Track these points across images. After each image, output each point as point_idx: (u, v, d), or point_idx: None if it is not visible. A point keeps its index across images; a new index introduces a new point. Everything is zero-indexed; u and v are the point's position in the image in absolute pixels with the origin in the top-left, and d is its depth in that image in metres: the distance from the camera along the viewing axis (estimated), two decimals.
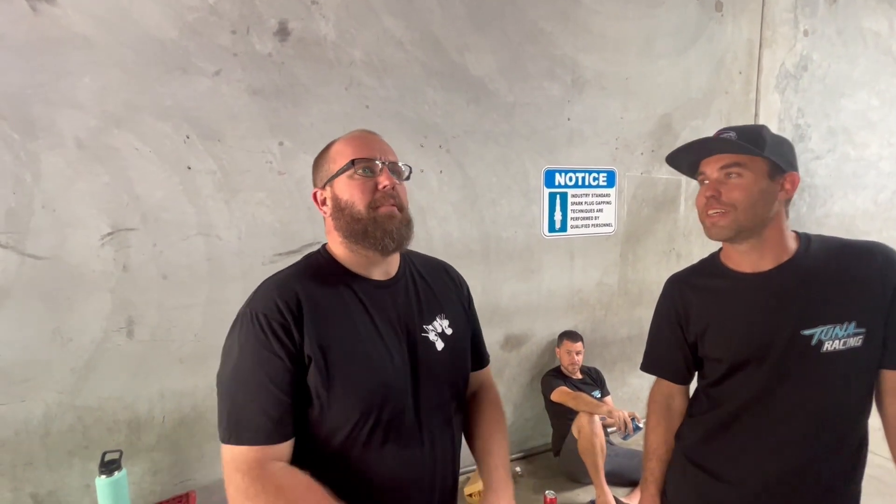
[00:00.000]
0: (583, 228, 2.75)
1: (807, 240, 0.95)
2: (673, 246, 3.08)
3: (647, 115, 2.87)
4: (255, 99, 1.98)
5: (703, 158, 0.94)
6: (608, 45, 2.69)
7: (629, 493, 2.34)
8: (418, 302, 0.87)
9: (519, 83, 2.48)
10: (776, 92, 3.32)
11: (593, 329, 2.87)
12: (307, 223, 2.11)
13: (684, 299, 1.05)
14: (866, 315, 0.85)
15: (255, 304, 0.75)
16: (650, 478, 1.11)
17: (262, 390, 0.71)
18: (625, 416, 2.26)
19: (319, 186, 0.84)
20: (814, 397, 0.87)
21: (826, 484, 0.88)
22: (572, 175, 2.68)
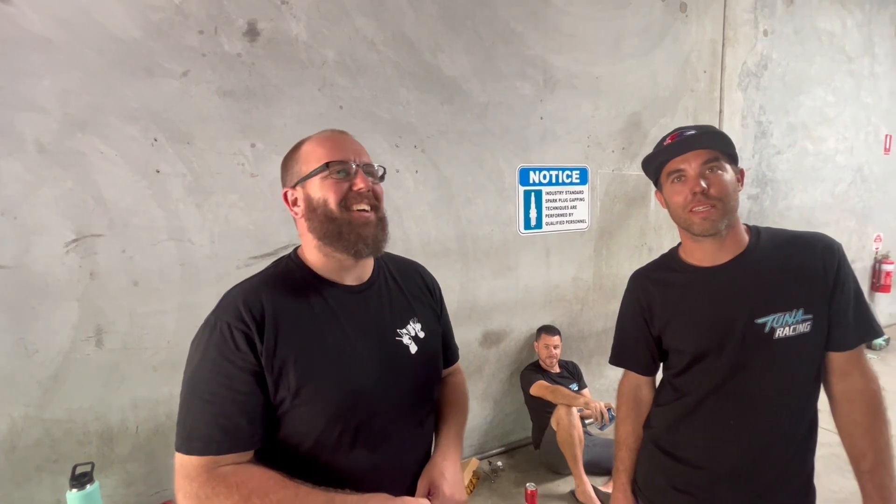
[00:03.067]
0: (558, 225, 2.80)
1: (757, 232, 1.00)
2: (644, 240, 3.17)
3: (617, 113, 2.94)
4: (225, 100, 1.95)
5: (678, 156, 0.96)
6: (578, 46, 2.74)
7: (607, 482, 2.40)
8: (392, 306, 0.86)
9: (492, 83, 2.51)
10: (739, 90, 3.46)
11: (570, 323, 2.94)
12: (282, 225, 2.09)
13: (647, 294, 1.09)
14: (812, 302, 0.91)
15: (219, 312, 0.74)
16: (621, 467, 1.15)
17: (217, 400, 0.70)
18: (601, 407, 2.33)
19: (289, 186, 0.81)
20: (769, 382, 0.92)
21: (783, 463, 0.93)
22: (546, 173, 2.73)
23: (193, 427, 0.70)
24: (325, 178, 0.77)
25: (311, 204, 0.78)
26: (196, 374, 0.72)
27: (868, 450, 0.91)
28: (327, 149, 0.78)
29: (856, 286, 0.93)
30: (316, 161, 0.78)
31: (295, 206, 0.81)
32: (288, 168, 0.82)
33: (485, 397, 2.73)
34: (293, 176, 0.81)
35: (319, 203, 0.77)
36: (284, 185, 0.83)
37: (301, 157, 0.80)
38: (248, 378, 0.71)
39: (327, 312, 0.78)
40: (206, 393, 0.70)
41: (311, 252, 0.82)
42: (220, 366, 0.70)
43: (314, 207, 0.77)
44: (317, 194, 0.77)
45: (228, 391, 0.70)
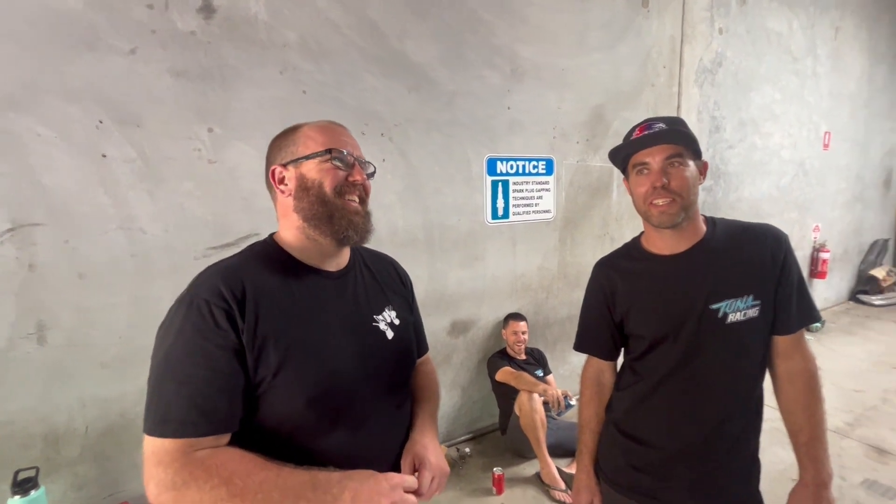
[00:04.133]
0: (524, 215, 2.84)
1: (713, 223, 1.05)
2: (607, 230, 3.27)
3: (582, 105, 3.00)
4: (178, 81, 1.83)
5: (644, 149, 0.99)
6: (544, 37, 2.76)
7: (570, 463, 2.49)
8: (368, 294, 0.88)
9: (459, 72, 2.49)
10: (695, 86, 3.60)
11: (536, 311, 3.00)
12: (243, 214, 2.01)
13: (610, 282, 1.12)
14: (761, 288, 0.96)
15: (196, 290, 0.71)
16: (584, 449, 1.20)
17: (193, 380, 0.67)
18: (558, 395, 2.40)
19: (279, 164, 0.81)
20: (722, 364, 0.98)
21: (733, 440, 1.00)
22: (513, 163, 2.75)
23: (167, 409, 0.66)
24: (324, 162, 0.79)
25: (303, 183, 0.78)
26: (170, 354, 0.68)
27: (805, 425, 0.99)
28: (330, 137, 0.81)
29: (799, 274, 1.00)
30: (316, 145, 0.79)
31: (282, 184, 0.80)
32: (280, 147, 0.82)
33: (453, 386, 2.76)
34: (286, 155, 0.80)
35: (314, 184, 0.78)
36: (273, 163, 0.82)
37: (299, 138, 0.81)
38: (228, 356, 0.68)
39: (306, 296, 0.78)
40: (182, 373, 0.67)
41: (291, 235, 0.81)
42: (197, 344, 0.68)
43: (307, 187, 0.78)
44: (312, 175, 0.79)
45: (206, 371, 0.67)
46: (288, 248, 0.81)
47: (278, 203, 0.83)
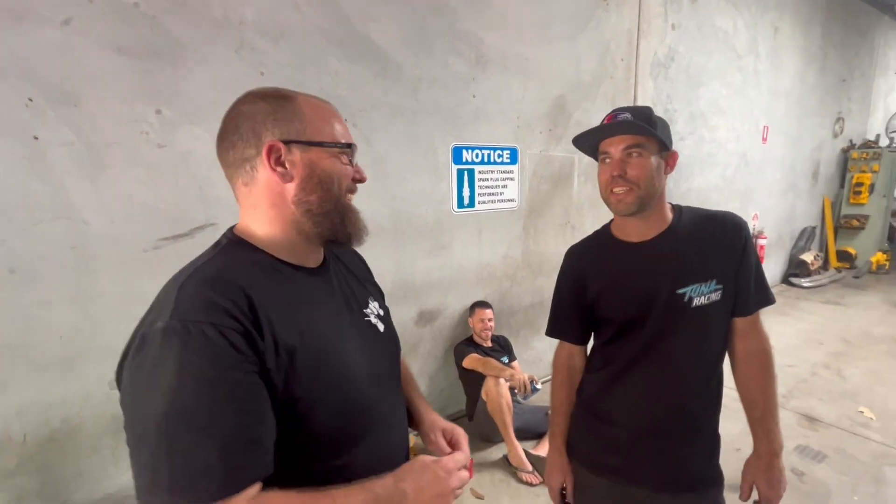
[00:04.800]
0: (489, 204, 2.86)
1: (679, 211, 1.09)
2: (568, 219, 3.36)
3: (544, 95, 3.03)
4: (121, 57, 1.68)
5: (606, 139, 1.01)
6: (509, 25, 2.76)
7: (536, 445, 2.57)
8: (351, 287, 0.81)
9: (425, 57, 2.45)
10: (650, 79, 3.73)
11: (500, 299, 3.04)
12: (198, 203, 1.89)
13: (581, 268, 1.15)
14: (722, 273, 1.01)
15: (187, 313, 0.55)
16: (556, 430, 1.23)
17: (223, 423, 0.53)
18: (524, 379, 2.45)
19: (279, 139, 0.65)
20: (687, 346, 1.03)
21: (696, 418, 1.05)
22: (479, 152, 2.75)
23: (193, 468, 0.52)
24: (340, 155, 0.69)
25: (314, 174, 0.67)
26: (176, 399, 0.52)
27: (760, 400, 1.06)
28: (342, 128, 0.71)
29: (756, 260, 1.06)
30: (331, 134, 0.69)
31: (279, 165, 0.65)
32: (276, 117, 0.65)
33: (420, 375, 2.76)
34: (288, 131, 0.66)
35: (329, 179, 0.68)
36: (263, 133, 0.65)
37: (304, 114, 0.67)
38: (255, 385, 0.57)
39: (305, 298, 0.69)
40: (204, 419, 0.53)
41: (269, 229, 0.68)
42: (215, 378, 0.54)
43: (321, 181, 0.67)
44: (328, 168, 0.68)
45: (236, 408, 0.55)
46: (262, 244, 0.68)
47: (259, 185, 0.66)
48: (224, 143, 0.67)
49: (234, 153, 0.66)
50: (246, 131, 0.65)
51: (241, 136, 0.65)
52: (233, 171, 0.68)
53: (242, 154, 0.66)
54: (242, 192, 0.69)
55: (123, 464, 1.84)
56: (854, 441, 2.59)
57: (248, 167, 0.66)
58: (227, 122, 0.67)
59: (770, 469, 1.04)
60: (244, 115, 0.66)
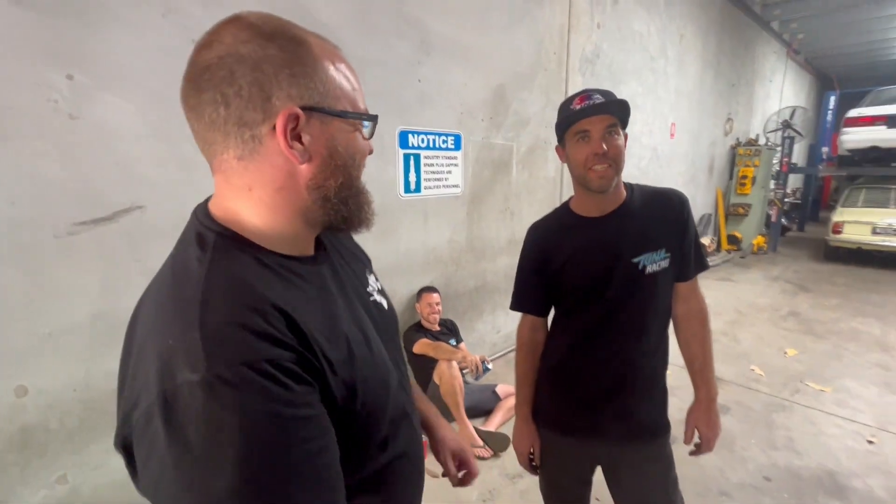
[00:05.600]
0: (435, 189, 2.88)
1: (631, 188, 1.20)
2: (508, 205, 3.48)
3: (486, 84, 3.10)
4: (20, 11, 1.44)
5: (586, 118, 1.05)
6: (452, 11, 2.77)
7: (485, 422, 2.67)
8: (349, 266, 0.70)
9: (370, 38, 2.39)
10: (579, 74, 3.96)
11: (446, 284, 3.09)
12: (120, 183, 1.69)
13: (545, 242, 1.22)
14: (670, 243, 1.13)
15: (233, 355, 0.42)
16: (522, 401, 1.28)
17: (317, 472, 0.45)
18: (476, 360, 2.54)
19: (298, 104, 0.49)
20: (642, 310, 1.13)
21: (651, 375, 1.17)
22: (424, 137, 2.75)
23: None
24: (357, 130, 0.55)
25: (337, 158, 0.53)
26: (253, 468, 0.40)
27: (699, 354, 1.21)
28: (358, 88, 0.56)
29: (695, 230, 1.20)
30: (349, 100, 0.54)
31: (296, 140, 0.50)
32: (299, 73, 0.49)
33: None
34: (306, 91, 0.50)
35: (352, 161, 0.55)
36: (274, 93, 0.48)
37: (327, 72, 0.51)
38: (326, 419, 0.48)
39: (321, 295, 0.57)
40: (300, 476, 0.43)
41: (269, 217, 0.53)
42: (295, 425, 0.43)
43: (341, 166, 0.54)
44: (346, 148, 0.54)
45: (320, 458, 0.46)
46: (255, 236, 0.53)
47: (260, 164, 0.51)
48: (204, 93, 0.48)
49: (224, 111, 0.48)
50: (248, 85, 0.47)
51: (238, 89, 0.47)
52: (217, 136, 0.49)
53: (240, 116, 0.48)
54: (232, 167, 0.51)
55: (34, 483, 1.61)
56: (749, 394, 3.02)
57: (247, 135, 0.49)
58: (215, 66, 0.47)
59: (709, 413, 1.19)
60: (244, 61, 0.47)
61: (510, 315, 3.67)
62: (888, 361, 3.51)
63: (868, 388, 3.11)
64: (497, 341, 3.59)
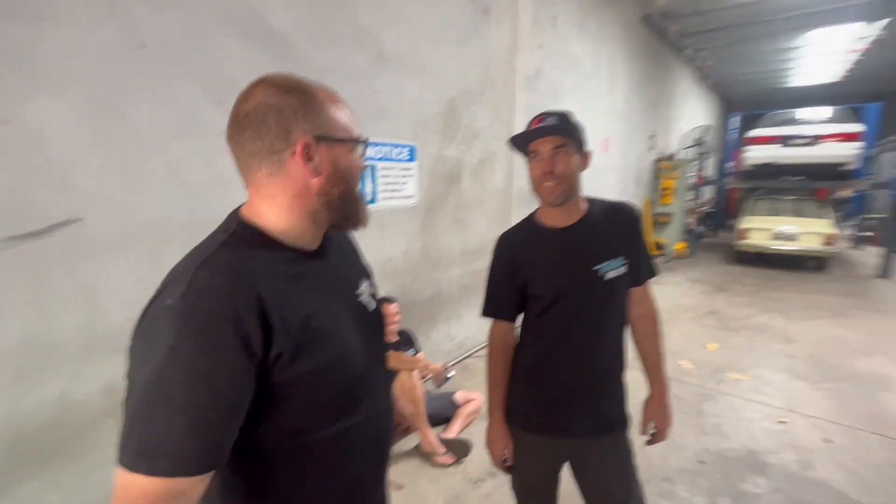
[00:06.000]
0: (391, 200, 2.90)
1: (590, 201, 1.31)
2: (460, 215, 3.58)
3: (439, 97, 3.18)
4: None
5: (537, 139, 1.16)
6: (407, 25, 2.83)
7: (445, 429, 2.70)
8: (346, 267, 0.86)
9: (326, 48, 2.38)
10: (523, 91, 4.17)
11: (403, 294, 3.10)
12: (55, 194, 1.55)
13: (513, 251, 1.30)
14: (626, 251, 1.25)
15: (197, 298, 0.59)
16: (495, 405, 1.34)
17: (195, 409, 0.57)
18: (438, 369, 2.58)
19: (311, 135, 0.68)
20: (604, 313, 1.24)
21: (611, 374, 1.28)
22: (381, 148, 2.77)
23: (158, 441, 0.56)
24: (353, 151, 0.74)
25: (338, 170, 0.72)
26: (163, 375, 0.56)
27: (652, 352, 1.34)
28: (352, 120, 0.75)
29: (644, 239, 1.33)
30: (346, 129, 0.73)
31: (309, 160, 0.69)
32: (306, 112, 0.68)
33: None
34: (315, 125, 0.69)
35: (347, 176, 0.73)
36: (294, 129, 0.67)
37: (322, 108, 0.70)
38: (238, 379, 0.60)
39: (309, 281, 0.73)
40: (180, 400, 0.56)
41: (286, 217, 0.71)
42: (201, 367, 0.57)
43: (342, 177, 0.72)
44: (347, 164, 0.73)
45: (212, 398, 0.58)
46: (270, 231, 0.71)
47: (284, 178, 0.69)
48: (247, 132, 0.67)
49: (261, 144, 0.67)
50: (276, 125, 0.67)
51: (269, 128, 0.67)
52: (254, 161, 0.69)
53: (271, 145, 0.67)
54: (263, 181, 0.70)
55: None
56: (681, 387, 3.32)
57: (275, 159, 0.68)
58: (252, 113, 0.67)
59: (662, 405, 1.32)
60: (272, 108, 0.67)
61: (464, 323, 3.75)
62: (791, 350, 4.02)
63: (777, 374, 3.54)
64: (452, 349, 3.65)
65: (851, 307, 5.31)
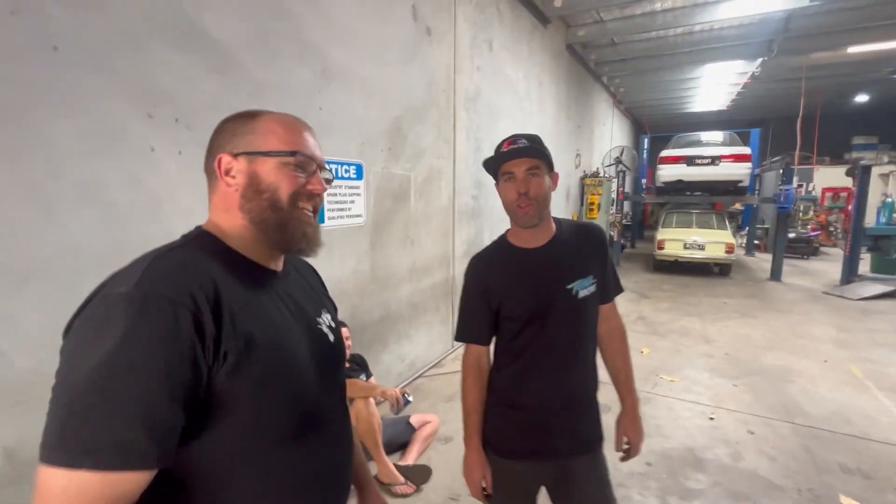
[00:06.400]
0: (339, 220, 2.78)
1: (559, 222, 1.34)
2: (408, 233, 3.53)
3: (384, 115, 3.15)
4: None
5: (511, 161, 1.17)
6: (351, 42, 2.78)
7: (402, 456, 2.60)
8: (307, 295, 0.84)
9: (269, 61, 2.25)
10: (464, 110, 4.27)
11: (352, 316, 2.98)
12: None
13: (486, 274, 1.29)
14: (595, 269, 1.29)
15: (153, 287, 0.57)
16: (472, 431, 1.30)
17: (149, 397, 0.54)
18: (397, 394, 2.48)
19: (229, 152, 0.71)
20: (578, 332, 1.26)
21: (587, 394, 1.30)
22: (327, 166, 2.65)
23: (102, 432, 0.52)
24: (284, 164, 0.72)
25: (256, 184, 0.71)
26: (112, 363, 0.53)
27: (622, 368, 1.39)
28: (295, 137, 0.74)
29: (612, 258, 1.39)
30: (280, 143, 0.72)
31: (228, 175, 0.71)
32: (234, 133, 0.72)
33: None
34: (241, 144, 0.71)
35: (269, 187, 0.71)
36: (220, 150, 0.71)
37: (259, 128, 0.72)
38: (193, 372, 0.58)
39: (269, 297, 0.72)
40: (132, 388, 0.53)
41: (236, 230, 0.72)
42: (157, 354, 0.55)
43: (260, 189, 0.71)
44: (269, 177, 0.71)
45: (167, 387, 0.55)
46: (231, 242, 0.72)
47: (218, 193, 0.73)
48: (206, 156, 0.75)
49: (207, 161, 0.74)
50: (214, 147, 0.73)
51: (209, 150, 0.74)
52: (208, 180, 0.75)
53: (208, 163, 0.74)
54: (210, 195, 0.75)
55: None
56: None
57: (211, 175, 0.73)
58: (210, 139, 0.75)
59: (635, 419, 1.36)
60: (216, 132, 0.74)
61: (414, 342, 3.68)
62: (711, 351, 4.42)
63: (702, 374, 3.87)
64: (402, 370, 3.56)
65: (754, 308, 6.00)
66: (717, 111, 14.41)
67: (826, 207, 12.66)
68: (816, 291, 6.94)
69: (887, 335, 4.85)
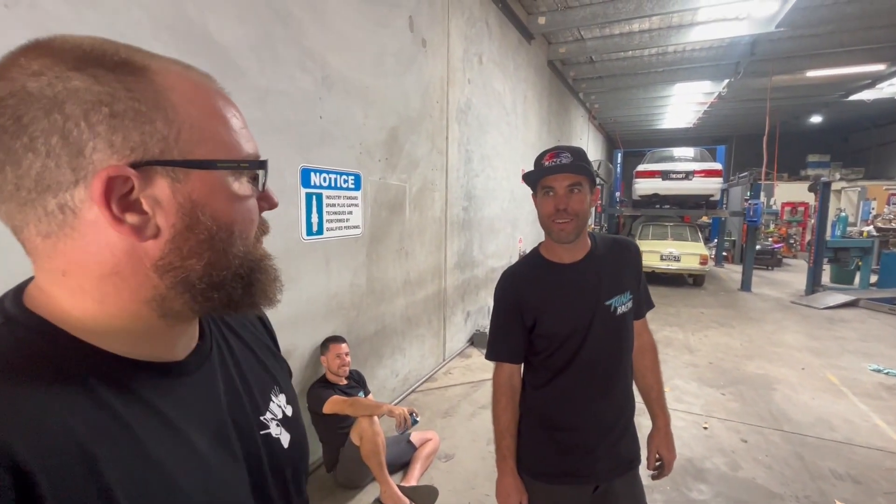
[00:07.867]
0: (336, 231, 2.70)
1: (594, 237, 1.32)
2: (403, 245, 3.47)
3: (382, 125, 3.10)
4: None
5: (552, 175, 1.15)
6: (351, 51, 2.73)
7: (404, 476, 2.50)
8: (244, 384, 0.52)
9: (271, 67, 2.17)
10: (456, 122, 4.27)
11: (348, 330, 2.87)
12: None
13: (520, 289, 1.25)
14: (631, 285, 1.28)
15: None
16: (507, 453, 1.25)
17: None
18: (404, 412, 2.38)
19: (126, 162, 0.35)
20: (617, 349, 1.23)
21: (628, 409, 1.27)
22: (326, 176, 2.58)
23: None
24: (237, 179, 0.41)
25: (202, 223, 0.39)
26: None
27: (655, 384, 1.37)
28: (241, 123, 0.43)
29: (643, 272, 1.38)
30: (225, 145, 0.40)
31: (129, 211, 0.36)
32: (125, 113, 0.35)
33: None
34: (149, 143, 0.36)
35: (226, 228, 0.40)
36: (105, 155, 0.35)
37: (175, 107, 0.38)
38: None
39: (151, 421, 0.40)
40: None
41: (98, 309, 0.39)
42: None
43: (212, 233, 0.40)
44: (220, 211, 0.40)
45: None
46: (81, 331, 0.38)
47: (78, 244, 0.37)
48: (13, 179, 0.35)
49: (11, 173, 0.34)
50: (44, 134, 0.34)
51: (29, 142, 0.34)
52: (10, 207, 0.36)
53: (37, 178, 0.34)
54: (37, 247, 0.37)
55: None
56: None
57: (52, 205, 0.35)
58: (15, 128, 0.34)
59: (667, 436, 1.34)
60: (35, 101, 0.33)
61: (407, 357, 3.59)
62: (695, 360, 4.52)
63: (690, 383, 3.94)
64: (396, 385, 3.46)
65: (730, 317, 6.20)
66: (685, 128, 15.07)
67: (786, 221, 13.36)
68: (785, 301, 7.26)
69: (855, 342, 5.10)
